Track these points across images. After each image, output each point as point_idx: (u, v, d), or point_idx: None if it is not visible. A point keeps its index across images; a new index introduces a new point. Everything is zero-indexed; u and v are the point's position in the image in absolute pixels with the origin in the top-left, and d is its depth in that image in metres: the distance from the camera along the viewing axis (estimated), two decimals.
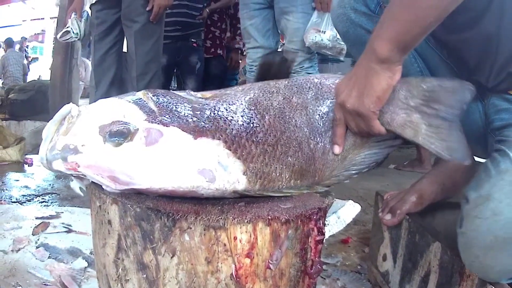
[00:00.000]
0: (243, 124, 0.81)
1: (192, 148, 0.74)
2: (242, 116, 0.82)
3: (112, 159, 0.73)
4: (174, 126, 0.75)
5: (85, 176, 0.76)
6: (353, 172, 0.92)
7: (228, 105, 0.83)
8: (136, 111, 0.76)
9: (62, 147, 0.73)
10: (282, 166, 0.82)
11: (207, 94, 0.87)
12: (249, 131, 0.80)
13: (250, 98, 0.86)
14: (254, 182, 0.78)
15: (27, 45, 11.16)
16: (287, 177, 0.83)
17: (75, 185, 0.80)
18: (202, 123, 0.77)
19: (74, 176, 0.77)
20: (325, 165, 0.88)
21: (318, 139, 0.88)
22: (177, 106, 0.79)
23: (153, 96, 0.81)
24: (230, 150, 0.77)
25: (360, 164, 0.92)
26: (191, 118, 0.78)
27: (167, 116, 0.76)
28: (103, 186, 0.76)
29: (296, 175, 0.84)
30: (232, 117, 0.81)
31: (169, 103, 0.80)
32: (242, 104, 0.84)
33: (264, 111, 0.85)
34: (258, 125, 0.82)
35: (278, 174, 0.81)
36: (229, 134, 0.78)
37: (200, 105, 0.82)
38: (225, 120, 0.80)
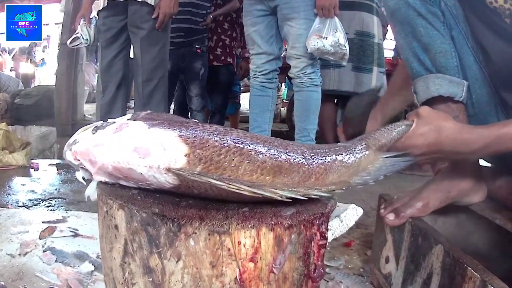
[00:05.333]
0: (209, 129, 0.81)
1: (142, 134, 0.80)
2: (211, 127, 0.83)
3: (88, 142, 0.85)
4: (140, 121, 0.84)
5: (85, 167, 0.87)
6: (367, 178, 0.90)
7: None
8: (126, 116, 0.91)
9: (72, 142, 0.88)
10: (244, 159, 0.79)
11: None
12: (214, 132, 0.80)
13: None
14: (195, 165, 0.77)
15: (35, 50, 11.12)
16: (247, 169, 0.78)
17: (79, 175, 0.91)
18: (168, 123, 0.82)
19: (81, 167, 0.88)
20: (327, 170, 0.87)
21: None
22: (160, 117, 0.90)
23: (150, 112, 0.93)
24: (181, 138, 0.78)
25: (375, 173, 0.91)
26: (163, 122, 0.83)
27: (146, 120, 0.85)
28: (89, 174, 0.88)
29: (265, 171, 0.80)
30: (204, 127, 0.83)
31: (158, 116, 0.90)
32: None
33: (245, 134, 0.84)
34: (229, 132, 0.82)
35: (233, 165, 0.78)
36: (187, 129, 0.80)
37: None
38: (192, 126, 0.82)
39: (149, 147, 0.78)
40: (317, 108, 2.66)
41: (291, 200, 0.76)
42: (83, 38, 2.83)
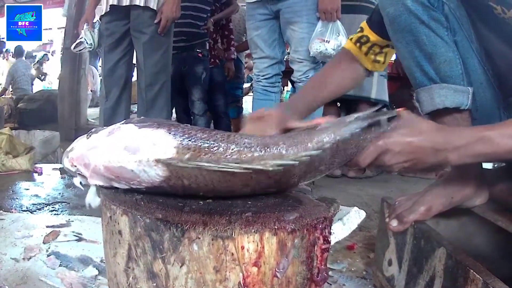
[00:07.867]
0: (196, 128, 0.83)
1: (133, 134, 0.82)
2: (198, 127, 0.85)
3: (83, 147, 0.87)
4: (132, 124, 0.85)
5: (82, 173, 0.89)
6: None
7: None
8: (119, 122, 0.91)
9: (69, 149, 0.90)
10: (231, 143, 0.80)
11: None
12: (201, 130, 0.82)
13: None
14: (184, 154, 0.78)
15: (35, 55, 11.16)
16: (235, 150, 0.79)
17: (77, 180, 0.92)
18: (157, 124, 0.83)
19: (78, 173, 0.90)
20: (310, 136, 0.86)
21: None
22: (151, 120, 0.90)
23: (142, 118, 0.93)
24: (170, 133, 0.79)
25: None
26: (153, 123, 0.84)
27: (137, 122, 0.86)
28: (86, 180, 0.89)
29: (253, 149, 0.81)
30: (192, 127, 0.84)
31: (149, 120, 0.90)
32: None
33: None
34: (215, 130, 0.85)
35: (221, 150, 0.79)
36: (176, 128, 0.82)
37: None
38: (181, 126, 0.83)
39: (139, 144, 0.79)
40: (319, 112, 2.66)
41: (281, 169, 0.79)
42: (87, 43, 2.85)
